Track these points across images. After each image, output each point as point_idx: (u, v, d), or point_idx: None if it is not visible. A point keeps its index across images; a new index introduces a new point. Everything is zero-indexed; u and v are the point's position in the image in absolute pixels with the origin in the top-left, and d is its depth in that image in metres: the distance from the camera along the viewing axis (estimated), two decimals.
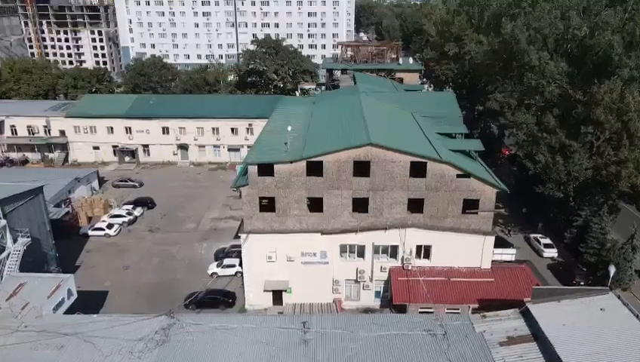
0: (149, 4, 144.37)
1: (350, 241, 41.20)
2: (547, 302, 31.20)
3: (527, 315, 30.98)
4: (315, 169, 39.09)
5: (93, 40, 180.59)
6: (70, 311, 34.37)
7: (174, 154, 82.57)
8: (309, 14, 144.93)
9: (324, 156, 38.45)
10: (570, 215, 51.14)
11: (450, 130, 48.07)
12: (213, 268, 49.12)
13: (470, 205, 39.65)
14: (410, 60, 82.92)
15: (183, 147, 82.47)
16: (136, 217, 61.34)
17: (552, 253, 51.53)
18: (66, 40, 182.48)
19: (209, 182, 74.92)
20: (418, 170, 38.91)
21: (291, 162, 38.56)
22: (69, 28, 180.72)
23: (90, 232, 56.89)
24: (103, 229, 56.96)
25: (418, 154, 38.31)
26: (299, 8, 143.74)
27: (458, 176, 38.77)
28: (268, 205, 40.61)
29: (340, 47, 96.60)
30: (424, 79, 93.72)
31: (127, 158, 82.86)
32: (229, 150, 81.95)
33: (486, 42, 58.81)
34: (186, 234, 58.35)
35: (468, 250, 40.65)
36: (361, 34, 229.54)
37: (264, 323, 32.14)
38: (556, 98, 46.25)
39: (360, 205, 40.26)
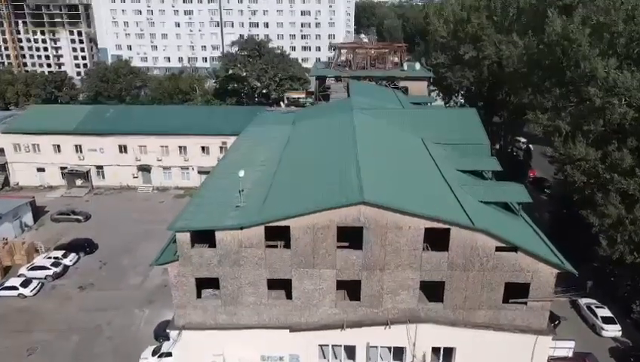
0: (124, 2, 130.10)
1: (334, 341, 27.73)
2: None
3: None
4: (278, 237, 25.66)
5: (73, 41, 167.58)
6: None
7: (134, 177, 69.13)
8: (302, 13, 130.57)
9: (293, 219, 24.96)
10: (638, 278, 37.55)
11: (476, 167, 34.47)
12: (148, 356, 35.53)
13: (516, 291, 26.15)
14: (417, 66, 69.19)
15: (145, 169, 69.00)
16: (66, 267, 47.87)
17: (614, 330, 37.82)
18: (44, 41, 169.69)
19: (171, 213, 60.25)
20: (437, 239, 25.42)
21: (242, 228, 25.11)
22: (46, 28, 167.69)
23: None
24: (16, 288, 43.42)
25: (437, 217, 24.72)
26: (291, 6, 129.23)
27: (498, 249, 25.28)
28: (210, 285, 27.22)
29: (333, 49, 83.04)
30: (431, 87, 79.95)
31: (78, 182, 69.35)
32: (200, 173, 68.33)
33: (521, 44, 44.97)
34: (127, 293, 44.85)
35: (510, 355, 27.07)
36: (362, 35, 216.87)
37: None
38: (629, 123, 32.46)
39: (348, 289, 26.83)
